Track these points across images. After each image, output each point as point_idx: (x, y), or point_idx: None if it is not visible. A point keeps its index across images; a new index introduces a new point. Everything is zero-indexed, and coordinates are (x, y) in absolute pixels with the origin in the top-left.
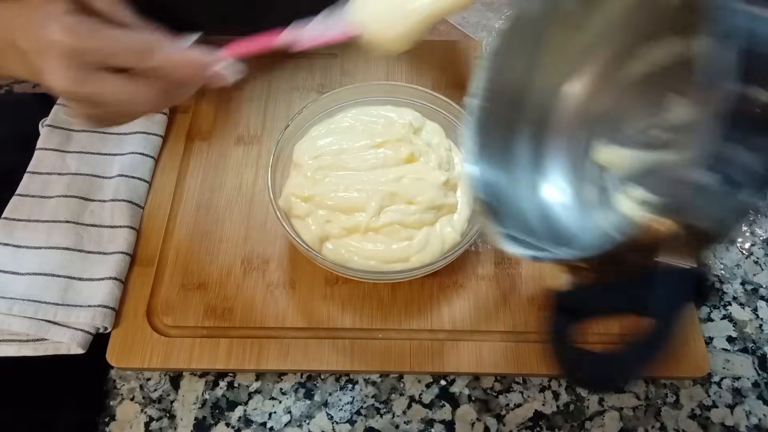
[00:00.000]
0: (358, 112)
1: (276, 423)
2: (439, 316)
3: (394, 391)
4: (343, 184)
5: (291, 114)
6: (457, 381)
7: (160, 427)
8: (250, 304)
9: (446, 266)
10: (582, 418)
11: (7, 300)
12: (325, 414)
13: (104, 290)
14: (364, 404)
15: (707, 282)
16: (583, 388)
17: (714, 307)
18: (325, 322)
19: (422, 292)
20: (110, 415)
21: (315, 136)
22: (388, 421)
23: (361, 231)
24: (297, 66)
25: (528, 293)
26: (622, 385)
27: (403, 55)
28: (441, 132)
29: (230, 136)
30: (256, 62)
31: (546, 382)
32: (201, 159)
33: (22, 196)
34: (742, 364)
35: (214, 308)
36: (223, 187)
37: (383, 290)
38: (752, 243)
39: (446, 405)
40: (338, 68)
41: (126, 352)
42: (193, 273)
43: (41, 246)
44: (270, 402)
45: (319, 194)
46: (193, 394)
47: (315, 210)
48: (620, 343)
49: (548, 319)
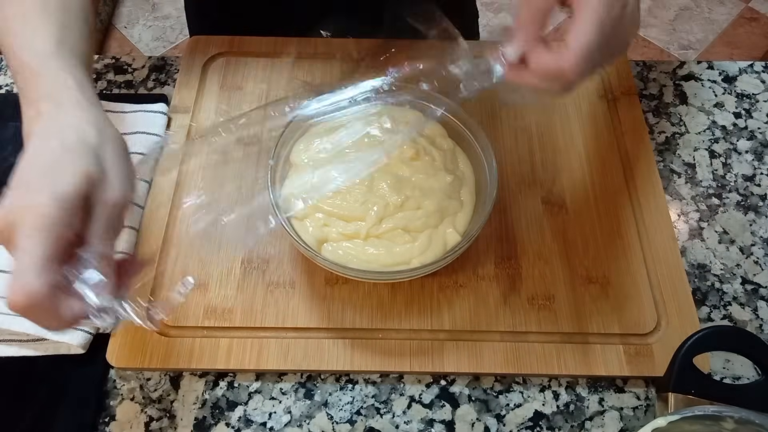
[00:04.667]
0: (358, 111)
1: (276, 423)
2: (439, 316)
3: (394, 391)
4: (340, 187)
5: (291, 114)
6: (457, 381)
7: (160, 427)
8: (250, 304)
9: (446, 266)
10: (582, 418)
11: None
12: (325, 414)
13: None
14: (364, 404)
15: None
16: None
17: (714, 307)
18: (325, 322)
19: (422, 292)
20: (110, 415)
21: (315, 136)
22: (388, 421)
23: (361, 237)
24: (297, 66)
25: (528, 293)
26: None
27: (403, 56)
28: (442, 132)
29: (230, 136)
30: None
31: (546, 382)
32: (201, 159)
33: None
34: (742, 364)
35: (214, 308)
36: (223, 187)
37: (383, 290)
38: (752, 243)
39: (446, 405)
40: (338, 68)
41: (126, 352)
42: (193, 273)
43: None
44: (270, 402)
45: (317, 197)
46: (193, 394)
47: (313, 213)
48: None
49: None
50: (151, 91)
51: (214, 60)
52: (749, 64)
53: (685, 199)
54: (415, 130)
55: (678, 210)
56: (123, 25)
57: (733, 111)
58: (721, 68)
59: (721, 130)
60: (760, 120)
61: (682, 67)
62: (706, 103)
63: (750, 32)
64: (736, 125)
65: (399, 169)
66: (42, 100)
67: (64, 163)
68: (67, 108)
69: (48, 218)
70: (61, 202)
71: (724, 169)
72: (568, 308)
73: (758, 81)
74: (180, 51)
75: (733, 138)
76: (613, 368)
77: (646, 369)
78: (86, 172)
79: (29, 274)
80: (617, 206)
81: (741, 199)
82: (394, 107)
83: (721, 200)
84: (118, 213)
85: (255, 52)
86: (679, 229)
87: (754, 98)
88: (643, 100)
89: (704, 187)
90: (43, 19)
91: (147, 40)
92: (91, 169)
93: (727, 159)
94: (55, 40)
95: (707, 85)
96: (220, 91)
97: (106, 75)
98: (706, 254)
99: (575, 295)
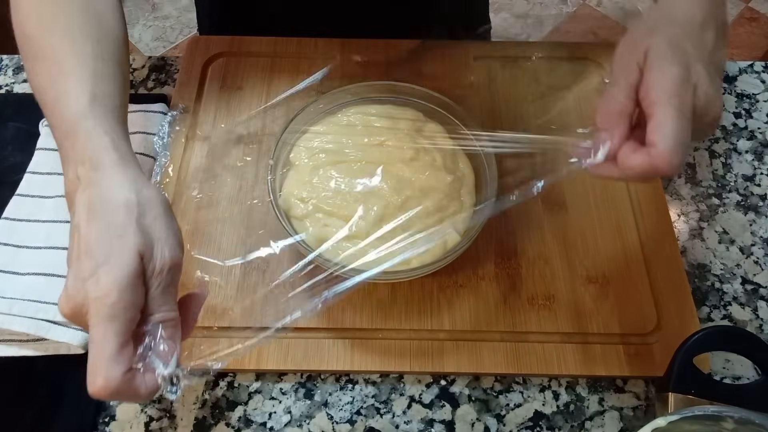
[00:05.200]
0: (358, 111)
1: (276, 423)
2: (439, 316)
3: (394, 391)
4: (341, 187)
5: (291, 114)
6: (457, 381)
7: (160, 427)
8: (250, 304)
9: (446, 266)
10: (582, 418)
11: (7, 300)
12: (325, 414)
13: None
14: (364, 404)
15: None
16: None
17: (714, 307)
18: (325, 322)
19: (422, 292)
20: (110, 415)
21: (314, 136)
22: (388, 421)
23: (361, 237)
24: (297, 66)
25: (528, 293)
26: None
27: (403, 55)
28: (443, 132)
29: (230, 136)
30: (256, 62)
31: (546, 382)
32: (201, 159)
33: (22, 196)
34: (742, 364)
35: (214, 308)
36: (223, 187)
37: (383, 290)
38: (752, 243)
39: (446, 405)
40: (338, 68)
41: None
42: (193, 273)
43: (41, 246)
44: (270, 402)
45: (317, 197)
46: (193, 394)
47: (313, 213)
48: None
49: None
50: (151, 91)
51: (214, 60)
52: (749, 64)
53: (685, 199)
54: (416, 129)
55: (678, 210)
56: None
57: (733, 111)
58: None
59: (721, 130)
60: (760, 120)
61: None
62: None
63: (750, 32)
64: (736, 125)
65: (399, 169)
66: (80, 164)
67: (114, 242)
68: (106, 172)
69: (114, 307)
70: (121, 287)
71: (724, 169)
72: (568, 308)
73: (758, 81)
74: (180, 51)
75: (733, 138)
76: (613, 368)
77: (646, 369)
78: (138, 251)
79: (106, 365)
80: (617, 206)
81: (741, 199)
82: (395, 107)
83: (721, 200)
84: (173, 277)
85: (255, 52)
86: (679, 229)
87: (754, 98)
88: None
89: (704, 187)
90: (77, 70)
91: (147, 40)
92: (141, 246)
93: (727, 159)
94: (89, 95)
95: None
96: (220, 91)
97: None
98: (706, 254)
99: (575, 295)
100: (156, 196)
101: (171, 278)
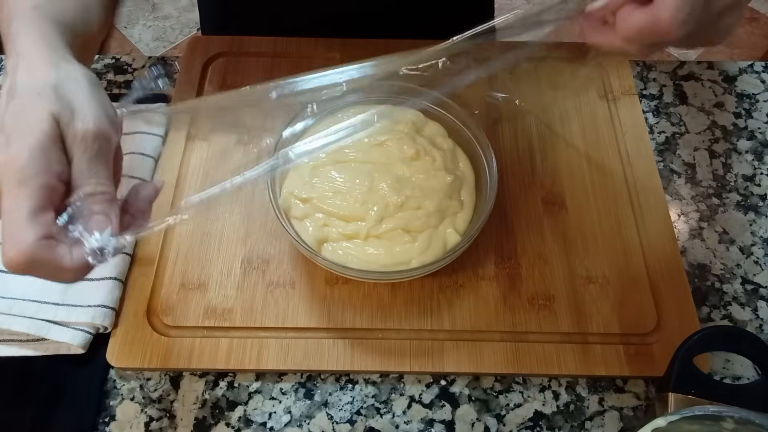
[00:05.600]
0: (358, 111)
1: (276, 423)
2: (439, 316)
3: (394, 391)
4: (341, 187)
5: (291, 114)
6: (457, 381)
7: (160, 427)
8: (250, 304)
9: (446, 266)
10: (582, 418)
11: (7, 300)
12: (325, 414)
13: (104, 290)
14: (364, 404)
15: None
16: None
17: (714, 307)
18: (325, 322)
19: (422, 292)
20: (110, 415)
21: (314, 136)
22: (388, 421)
23: (361, 237)
24: (297, 66)
25: (528, 293)
26: None
27: None
28: (442, 132)
29: (230, 136)
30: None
31: (546, 382)
32: (201, 159)
33: None
34: (742, 364)
35: (214, 308)
36: (223, 186)
37: (383, 290)
38: (752, 243)
39: (446, 405)
40: None
41: (126, 352)
42: (193, 273)
43: None
44: (270, 402)
45: (317, 197)
46: (193, 394)
47: (313, 213)
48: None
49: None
50: (151, 91)
51: (214, 60)
52: (749, 64)
53: (685, 199)
54: (416, 128)
55: (678, 210)
56: (123, 25)
57: (733, 111)
58: (721, 68)
59: (721, 130)
60: (760, 120)
61: (682, 67)
62: (706, 103)
63: (750, 32)
64: (736, 125)
65: (399, 169)
66: (10, 58)
67: (27, 111)
68: (30, 56)
69: (24, 171)
70: (31, 149)
71: (724, 169)
72: (568, 308)
73: (758, 81)
74: (180, 51)
75: (733, 138)
76: (613, 368)
77: (646, 369)
78: (51, 114)
79: (18, 230)
80: (617, 206)
81: (741, 199)
82: (395, 107)
83: (721, 200)
84: (100, 147)
85: (255, 52)
86: (679, 229)
87: (754, 98)
88: (643, 100)
89: (704, 187)
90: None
91: (147, 40)
92: (56, 110)
93: (727, 159)
94: (31, 3)
95: (707, 85)
96: (220, 91)
97: (106, 75)
98: (706, 254)
99: (575, 295)
100: (79, 70)
101: (98, 147)
